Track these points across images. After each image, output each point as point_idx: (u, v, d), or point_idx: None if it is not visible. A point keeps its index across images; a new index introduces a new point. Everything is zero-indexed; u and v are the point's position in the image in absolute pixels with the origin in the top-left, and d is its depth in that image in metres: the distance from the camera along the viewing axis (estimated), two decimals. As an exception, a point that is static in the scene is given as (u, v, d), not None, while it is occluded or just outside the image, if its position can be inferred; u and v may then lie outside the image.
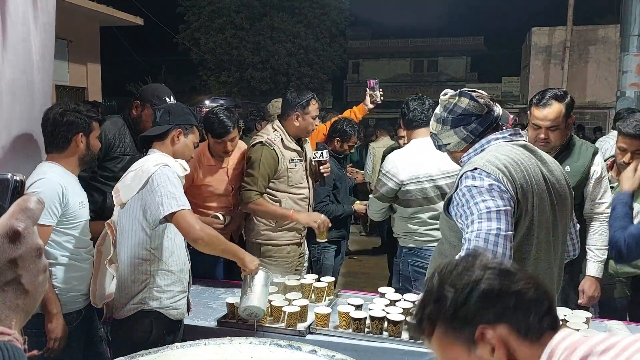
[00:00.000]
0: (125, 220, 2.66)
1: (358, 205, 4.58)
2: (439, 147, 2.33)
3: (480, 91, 2.28)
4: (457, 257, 1.98)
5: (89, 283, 2.91)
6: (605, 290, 3.29)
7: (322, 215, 3.79)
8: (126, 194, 2.63)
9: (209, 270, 3.91)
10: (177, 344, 2.44)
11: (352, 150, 5.15)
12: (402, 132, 4.71)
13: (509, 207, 1.97)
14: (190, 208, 2.60)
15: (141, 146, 3.04)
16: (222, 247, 2.76)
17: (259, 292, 2.76)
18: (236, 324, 2.93)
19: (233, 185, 3.90)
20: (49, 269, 2.55)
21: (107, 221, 2.77)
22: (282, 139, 3.77)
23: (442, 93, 2.29)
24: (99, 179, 3.43)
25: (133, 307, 2.65)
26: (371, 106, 5.01)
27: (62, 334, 2.71)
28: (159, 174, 2.57)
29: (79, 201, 2.81)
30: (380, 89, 4.93)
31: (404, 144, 4.13)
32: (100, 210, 3.35)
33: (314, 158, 3.96)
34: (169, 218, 2.54)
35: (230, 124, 3.67)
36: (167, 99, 3.45)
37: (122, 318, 2.69)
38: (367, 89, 4.96)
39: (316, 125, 3.94)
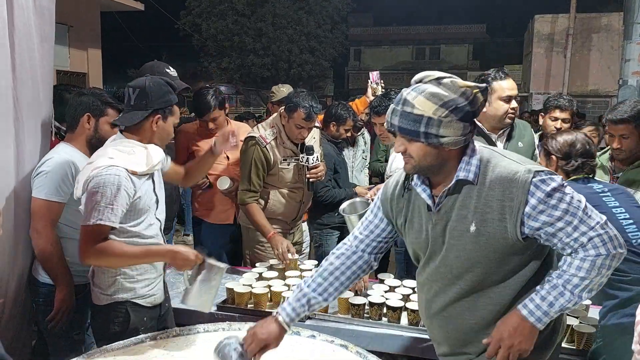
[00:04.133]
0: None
1: (360, 189, 4.57)
2: (426, 136, 1.84)
3: None
4: (591, 260, 1.83)
5: None
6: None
7: (288, 249, 3.48)
8: (79, 189, 2.43)
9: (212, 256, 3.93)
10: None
11: (349, 134, 5.15)
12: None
13: None
14: (108, 224, 2.32)
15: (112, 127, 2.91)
16: (125, 263, 2.48)
17: (197, 291, 2.42)
18: (235, 309, 2.94)
19: (228, 154, 4.03)
20: (60, 244, 2.51)
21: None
22: (277, 137, 3.68)
23: (449, 79, 1.89)
24: None
25: (107, 298, 2.52)
26: (372, 99, 5.05)
27: (69, 307, 2.81)
28: (100, 178, 2.31)
29: None
30: (382, 81, 4.96)
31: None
32: None
33: (300, 162, 3.75)
34: (82, 228, 2.36)
35: (212, 103, 3.85)
36: (168, 70, 3.44)
37: (99, 305, 2.56)
38: (369, 81, 4.99)
39: (304, 137, 3.69)
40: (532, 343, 1.92)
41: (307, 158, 3.69)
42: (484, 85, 1.91)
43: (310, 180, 3.78)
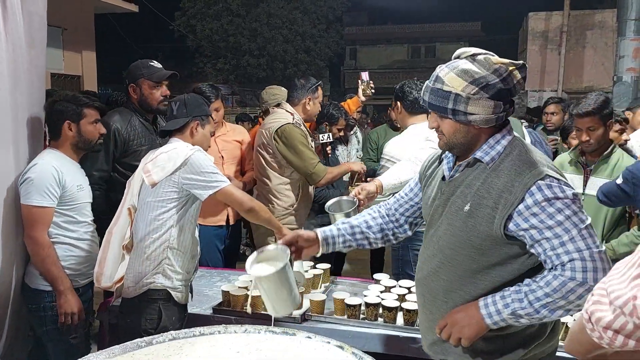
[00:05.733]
0: (152, 200, 2.70)
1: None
2: (453, 112, 1.86)
3: None
4: (562, 281, 1.72)
5: (90, 264, 2.96)
6: None
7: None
8: (158, 174, 2.67)
9: (204, 258, 3.94)
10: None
11: (342, 134, 5.21)
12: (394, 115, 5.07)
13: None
14: (229, 182, 2.77)
15: (161, 134, 3.05)
16: (267, 216, 2.98)
17: (297, 261, 2.81)
18: (231, 312, 2.94)
19: (222, 154, 4.13)
20: (53, 249, 2.57)
21: (128, 206, 2.80)
22: (302, 121, 3.95)
23: (484, 56, 1.87)
24: (128, 175, 3.34)
25: (145, 283, 2.68)
26: (364, 99, 5.15)
27: (74, 309, 2.85)
28: (196, 156, 2.67)
29: (77, 184, 2.92)
30: (371, 81, 5.04)
31: (395, 121, 4.66)
32: None
33: (321, 140, 4.19)
34: (218, 194, 2.68)
35: (212, 94, 3.99)
36: (152, 63, 3.51)
37: (130, 297, 2.72)
38: (359, 81, 5.06)
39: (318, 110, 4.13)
40: (475, 334, 1.89)
41: (328, 135, 4.23)
42: (521, 62, 1.89)
43: (329, 155, 4.31)
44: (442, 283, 2.01)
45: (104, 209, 3.31)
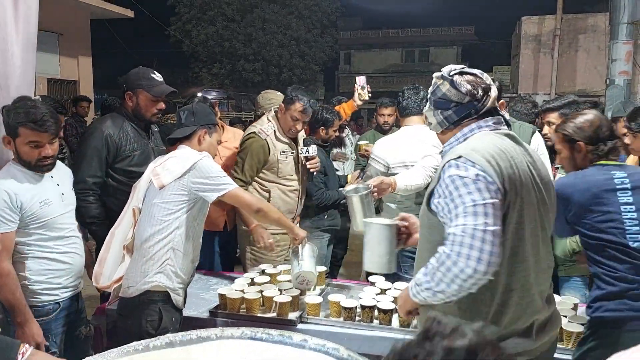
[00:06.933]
0: (158, 201, 2.74)
1: (350, 177, 4.76)
2: (429, 124, 2.24)
3: (479, 74, 2.12)
4: (440, 253, 1.85)
5: (73, 276, 2.91)
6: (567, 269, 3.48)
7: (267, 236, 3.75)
8: (167, 177, 2.73)
9: (202, 261, 3.96)
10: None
11: (336, 134, 5.22)
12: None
13: (496, 200, 1.83)
14: (235, 185, 2.85)
15: (169, 142, 3.03)
16: (277, 216, 3.04)
17: (308, 260, 3.04)
18: (227, 315, 2.96)
19: (226, 163, 4.14)
20: (15, 277, 2.49)
21: (133, 207, 2.84)
22: (275, 130, 3.88)
23: (444, 69, 2.16)
24: (122, 181, 3.35)
25: (146, 282, 2.70)
26: (360, 103, 5.13)
27: (30, 342, 2.57)
28: (205, 161, 2.75)
29: (39, 201, 2.71)
30: (368, 85, 5.03)
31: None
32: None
33: (300, 153, 4.02)
34: (225, 196, 2.75)
35: (192, 101, 3.98)
36: (153, 75, 3.44)
37: (130, 298, 2.73)
38: (356, 85, 5.05)
39: (298, 130, 3.96)
40: (403, 306, 2.14)
41: (307, 149, 3.99)
42: (440, 73, 2.12)
43: (311, 170, 4.04)
44: (419, 262, 2.15)
45: (99, 214, 3.31)
